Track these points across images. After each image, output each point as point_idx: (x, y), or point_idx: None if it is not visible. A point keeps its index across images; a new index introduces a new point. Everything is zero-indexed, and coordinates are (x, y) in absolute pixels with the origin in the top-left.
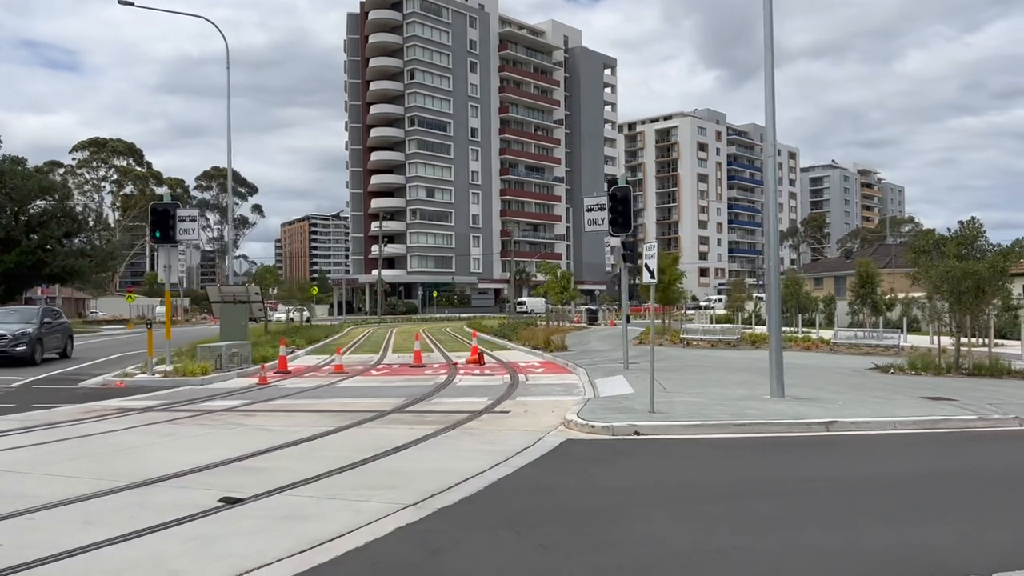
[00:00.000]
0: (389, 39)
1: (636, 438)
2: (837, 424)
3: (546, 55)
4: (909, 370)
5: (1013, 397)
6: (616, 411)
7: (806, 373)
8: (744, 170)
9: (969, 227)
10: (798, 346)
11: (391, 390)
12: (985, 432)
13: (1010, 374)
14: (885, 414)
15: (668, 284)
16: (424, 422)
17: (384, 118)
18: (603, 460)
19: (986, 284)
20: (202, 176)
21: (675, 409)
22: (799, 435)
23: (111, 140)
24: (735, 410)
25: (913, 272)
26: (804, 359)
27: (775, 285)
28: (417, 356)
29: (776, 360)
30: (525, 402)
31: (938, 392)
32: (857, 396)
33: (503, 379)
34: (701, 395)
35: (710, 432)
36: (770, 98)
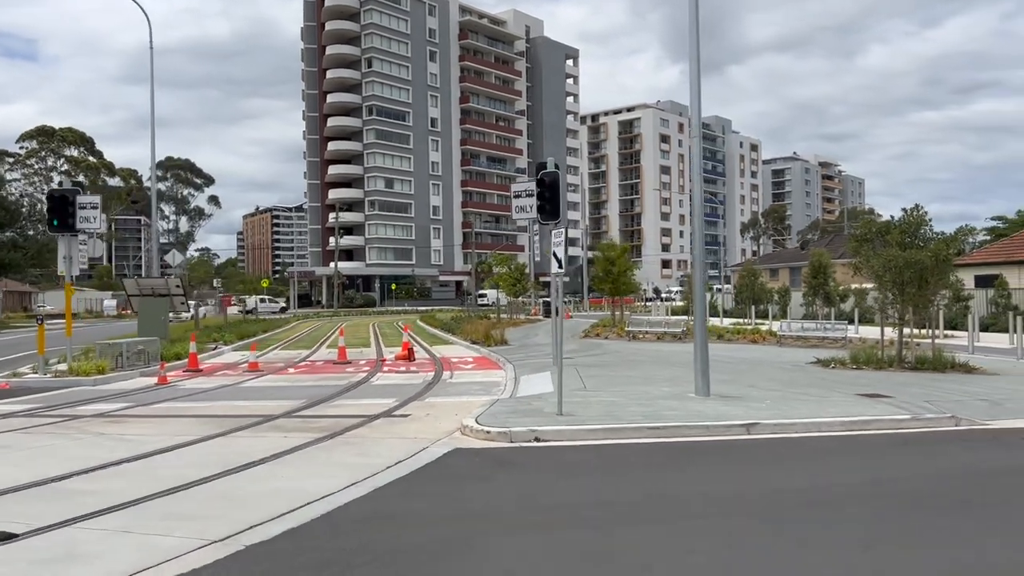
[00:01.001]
0: (346, 27)
1: (534, 446)
2: (758, 427)
3: (507, 45)
4: (851, 364)
5: (952, 393)
6: (522, 414)
7: (743, 368)
8: (707, 162)
9: (913, 215)
10: (745, 339)
11: (297, 391)
12: (916, 434)
13: (954, 367)
14: (812, 414)
15: (618, 275)
16: (307, 429)
17: (342, 107)
18: (482, 475)
19: (929, 274)
20: (156, 166)
21: (588, 411)
22: (716, 439)
23: (61, 129)
24: (653, 411)
25: (855, 262)
26: (747, 352)
27: (700, 278)
28: (342, 352)
29: (701, 356)
30: (433, 404)
31: (875, 388)
32: (789, 393)
33: (424, 377)
34: (622, 394)
35: (619, 436)
36: (695, 76)
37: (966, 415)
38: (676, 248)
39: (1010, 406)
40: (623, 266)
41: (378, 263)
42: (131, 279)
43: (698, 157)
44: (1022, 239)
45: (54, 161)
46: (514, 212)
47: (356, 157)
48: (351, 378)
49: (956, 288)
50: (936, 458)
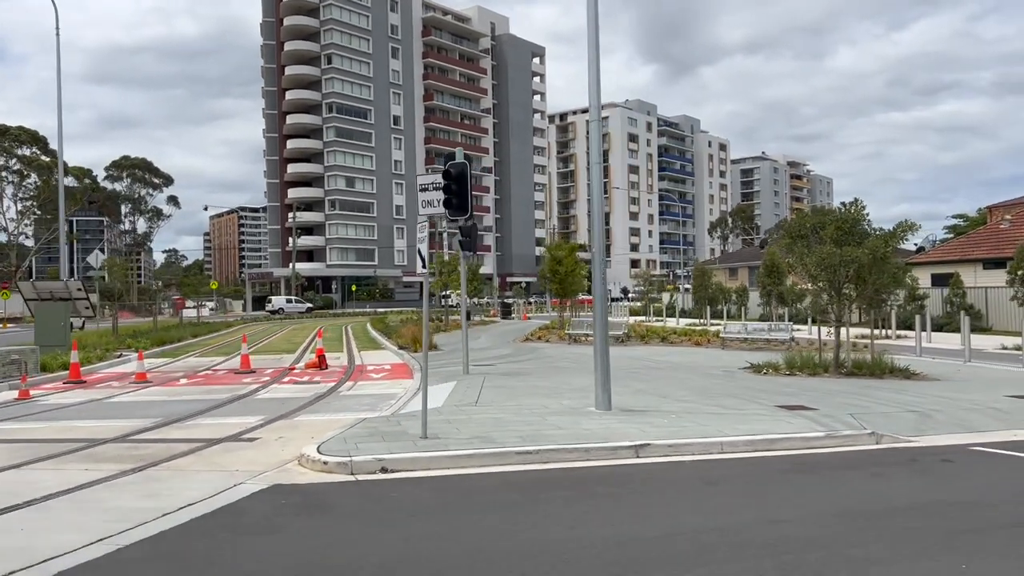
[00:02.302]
0: (305, 22)
1: (375, 479)
2: (649, 448)
3: (472, 42)
4: (784, 370)
5: (883, 403)
6: (383, 437)
7: (667, 375)
8: (675, 161)
9: (850, 209)
10: (690, 341)
11: (164, 407)
12: (825, 456)
13: (892, 373)
14: (716, 432)
15: (565, 275)
16: (122, 459)
17: (301, 104)
18: (273, 526)
19: (867, 272)
20: (111, 166)
21: (462, 431)
22: (598, 464)
23: (12, 128)
24: (535, 431)
25: (788, 260)
26: (684, 356)
27: (600, 274)
28: (245, 361)
29: (601, 366)
30: (300, 423)
31: (800, 398)
32: (703, 405)
33: (319, 389)
34: (515, 409)
35: (483, 464)
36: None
37: (890, 430)
38: (644, 247)
39: (940, 418)
40: (570, 265)
41: (339, 264)
42: (27, 282)
43: (597, 140)
44: (979, 237)
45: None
46: (420, 207)
47: (316, 155)
48: (240, 390)
49: (911, 287)
50: (835, 489)
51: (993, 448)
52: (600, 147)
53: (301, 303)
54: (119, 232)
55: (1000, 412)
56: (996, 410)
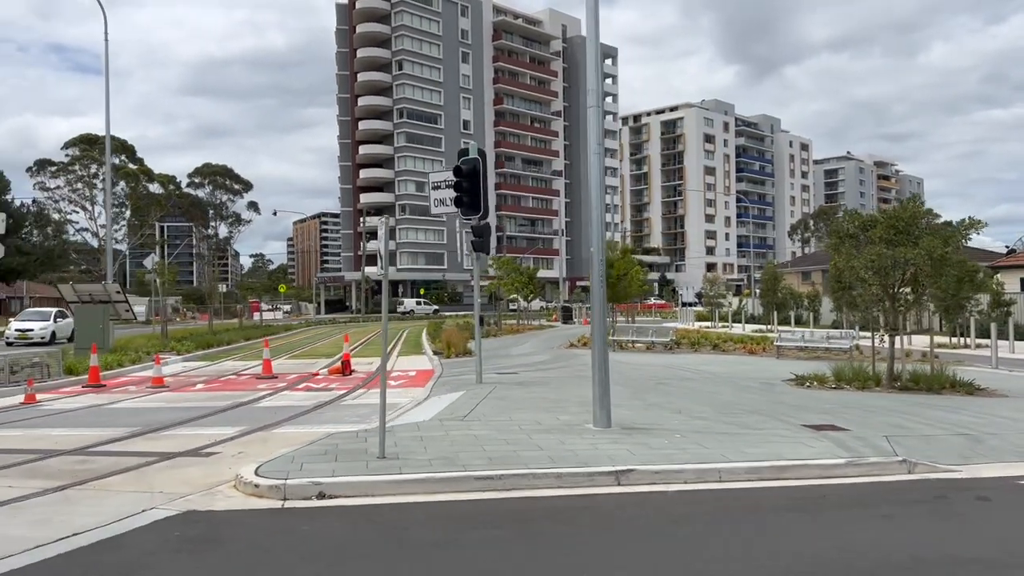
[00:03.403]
0: (377, 29)
1: (304, 506)
2: (633, 475)
3: (543, 45)
4: (831, 382)
5: (929, 423)
6: (335, 456)
7: (695, 387)
8: (754, 162)
9: (908, 206)
10: (743, 349)
11: (156, 414)
12: (840, 487)
13: (954, 387)
14: (719, 456)
15: (616, 279)
16: (61, 474)
17: (372, 110)
18: (132, 568)
19: (924, 276)
20: (194, 173)
21: (428, 450)
22: (566, 493)
23: (102, 137)
24: (511, 451)
25: (833, 262)
26: (727, 367)
27: (598, 276)
28: (267, 366)
29: (599, 379)
30: (275, 436)
31: (834, 416)
32: (716, 423)
33: (325, 397)
34: (505, 424)
35: (435, 491)
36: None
37: (928, 457)
38: (721, 251)
39: (994, 443)
40: (623, 268)
41: (409, 268)
42: (67, 285)
43: (596, 126)
44: None
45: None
46: (432, 205)
47: (387, 160)
48: (246, 397)
49: (995, 292)
50: (821, 536)
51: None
52: (599, 133)
53: (429, 304)
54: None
55: None
56: None
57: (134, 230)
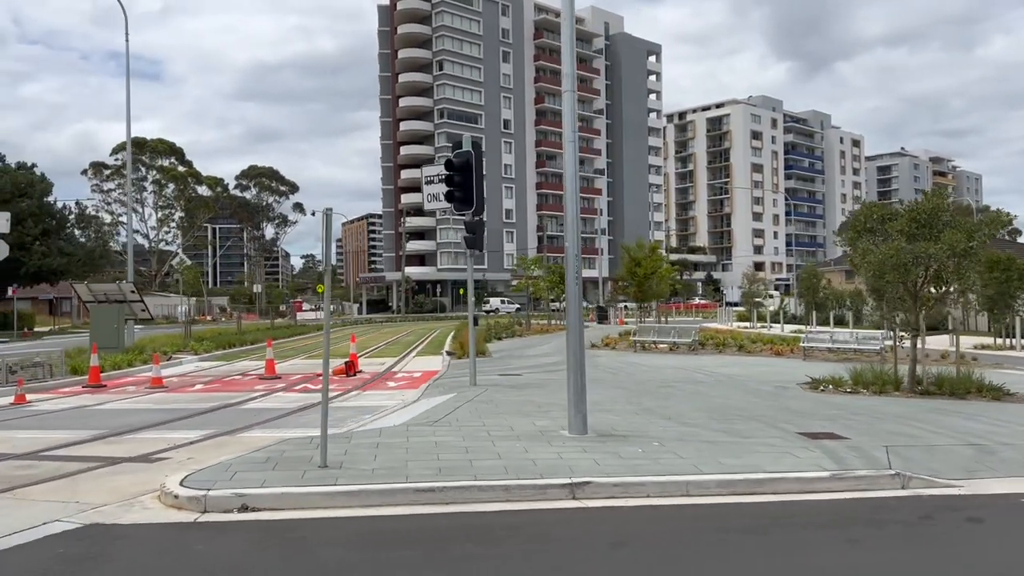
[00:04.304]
0: (418, 30)
1: (221, 520)
2: (590, 488)
3: (585, 43)
4: (847, 386)
5: (941, 431)
6: (275, 465)
7: (700, 391)
8: (803, 159)
9: (931, 198)
10: (770, 350)
11: (135, 415)
12: (817, 504)
13: (979, 392)
14: (692, 468)
15: (644, 277)
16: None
17: (413, 111)
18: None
19: (948, 272)
20: (241, 175)
21: (379, 459)
22: (516, 508)
23: (151, 141)
24: (467, 460)
25: (850, 258)
26: (746, 368)
27: (574, 272)
28: (270, 366)
29: (574, 382)
30: (237, 440)
31: (837, 424)
32: (705, 431)
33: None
34: (473, 430)
35: (369, 504)
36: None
37: (928, 470)
38: (770, 249)
39: (1007, 455)
40: (650, 267)
41: (449, 267)
42: (82, 284)
43: (570, 111)
44: None
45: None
46: (426, 201)
47: (427, 161)
48: (237, 398)
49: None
50: (778, 564)
51: None
52: (574, 119)
53: (512, 303)
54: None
55: None
56: None
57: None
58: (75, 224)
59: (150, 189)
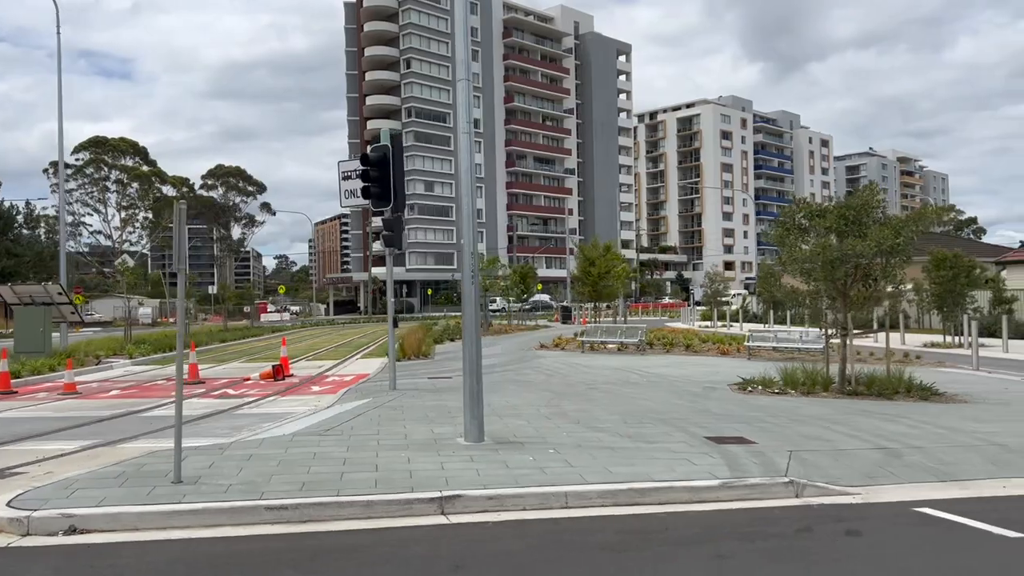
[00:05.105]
0: (384, 27)
1: (41, 544)
2: (461, 501)
3: (555, 42)
4: (776, 387)
5: (854, 434)
6: (124, 480)
7: (626, 392)
8: (773, 159)
9: (861, 195)
10: (716, 350)
11: (30, 424)
12: (702, 514)
13: (909, 392)
14: (577, 478)
15: (598, 277)
16: None
17: (381, 110)
18: None
19: (877, 270)
20: (207, 175)
21: (242, 472)
22: (375, 526)
23: (113, 139)
24: (338, 473)
25: (780, 256)
26: (684, 369)
27: (469, 271)
28: (192, 371)
29: (470, 387)
30: (112, 452)
31: (752, 427)
32: (610, 435)
33: (227, 404)
34: (364, 439)
35: (215, 524)
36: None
37: (826, 477)
38: (740, 249)
39: (914, 459)
40: (604, 267)
41: (418, 268)
42: (6, 286)
43: (465, 102)
44: None
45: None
46: (342, 197)
47: None
48: (145, 405)
49: (996, 288)
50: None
51: (947, 511)
52: (469, 110)
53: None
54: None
55: (1005, 452)
56: (1002, 448)
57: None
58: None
59: (113, 189)
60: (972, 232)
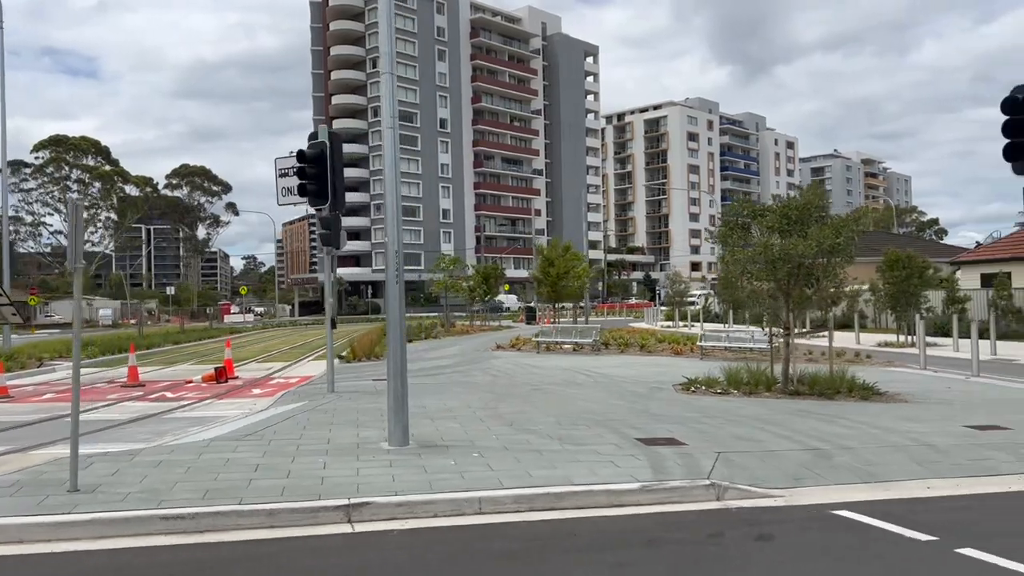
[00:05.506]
0: (350, 26)
1: None
2: (370, 508)
3: (523, 43)
4: (719, 387)
5: (787, 435)
6: (21, 487)
7: (570, 392)
8: (739, 160)
9: (805, 194)
10: (671, 350)
11: None
12: (617, 519)
13: (850, 392)
14: (497, 483)
15: (557, 277)
16: None
17: (346, 109)
18: None
19: (819, 270)
20: (171, 174)
21: (145, 480)
22: (277, 535)
23: (73, 138)
24: (246, 480)
25: (722, 256)
26: (634, 369)
27: (394, 271)
28: (132, 373)
29: (394, 390)
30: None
31: (686, 427)
32: (539, 438)
33: (160, 408)
34: (287, 444)
35: (106, 535)
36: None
37: (750, 479)
38: (707, 249)
39: (842, 460)
40: (564, 267)
41: (385, 268)
42: None
43: (388, 95)
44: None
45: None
46: (279, 195)
47: (362, 160)
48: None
49: (950, 287)
50: None
51: (864, 513)
52: (393, 103)
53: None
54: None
55: (934, 452)
56: (931, 448)
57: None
58: None
59: (74, 188)
60: (934, 233)
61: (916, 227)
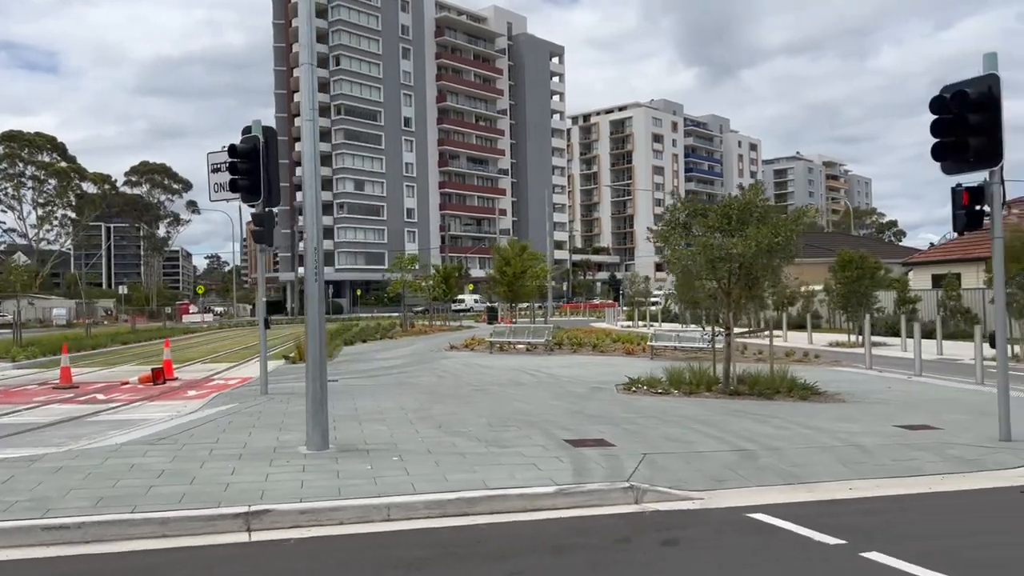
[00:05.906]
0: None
1: None
2: (270, 516)
3: (488, 42)
4: (660, 386)
5: (717, 435)
6: None
7: (509, 393)
8: (703, 162)
9: (746, 193)
10: (621, 350)
11: None
12: (529, 524)
13: (790, 392)
14: (410, 487)
15: (513, 277)
16: None
17: None
18: None
19: (759, 270)
20: (131, 171)
21: (42, 487)
22: (172, 545)
23: (28, 134)
24: (145, 487)
25: (665, 256)
26: (582, 369)
27: (313, 270)
28: (65, 374)
29: (312, 393)
30: None
31: (622, 427)
32: (468, 441)
33: (86, 410)
34: (201, 448)
35: None
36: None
37: (676, 481)
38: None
39: (767, 461)
40: (520, 267)
41: (348, 268)
42: None
43: (308, 86)
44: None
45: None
46: (211, 191)
47: (325, 158)
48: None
49: (900, 288)
50: None
51: (780, 516)
52: (313, 95)
53: (483, 302)
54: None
55: (861, 452)
56: (859, 448)
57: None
58: None
59: (29, 185)
60: (893, 235)
61: (876, 228)
